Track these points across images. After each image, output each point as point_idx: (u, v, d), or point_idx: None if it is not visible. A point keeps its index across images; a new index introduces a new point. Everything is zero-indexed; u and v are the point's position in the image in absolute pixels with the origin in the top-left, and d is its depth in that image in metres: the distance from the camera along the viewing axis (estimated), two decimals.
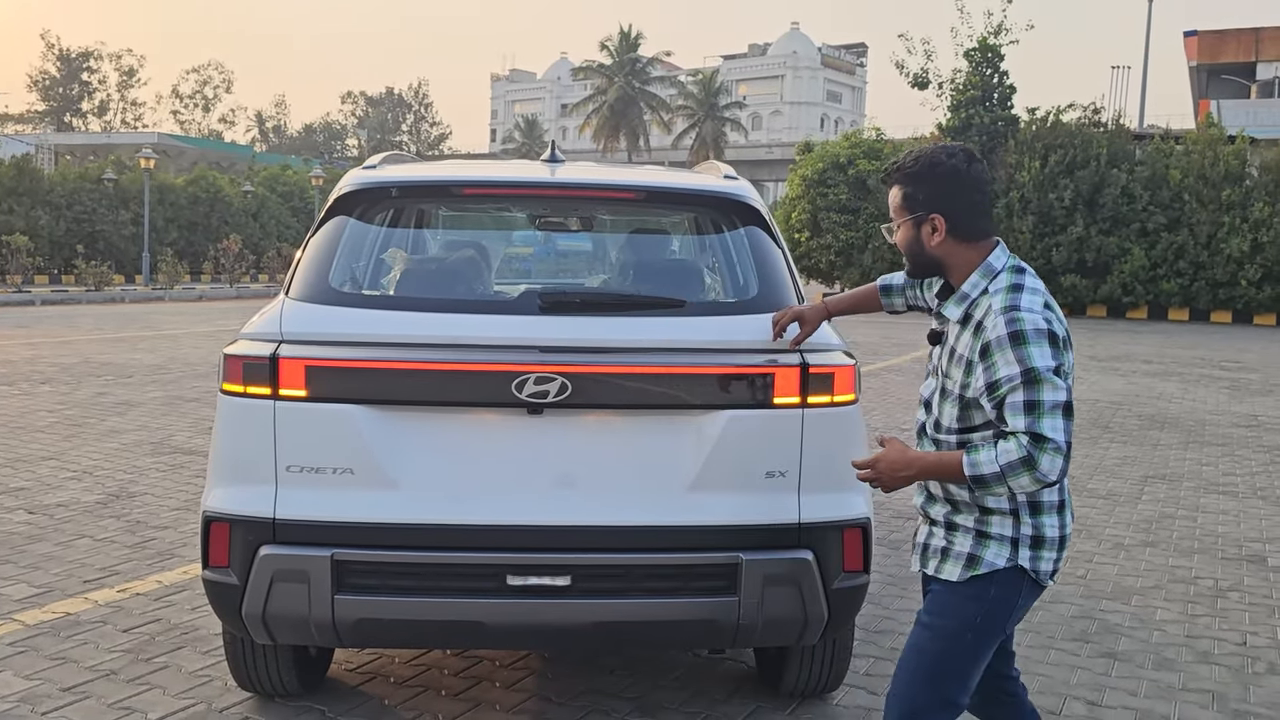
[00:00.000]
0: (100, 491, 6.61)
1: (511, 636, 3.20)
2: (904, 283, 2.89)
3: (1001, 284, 2.35)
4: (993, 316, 2.28)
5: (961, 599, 2.38)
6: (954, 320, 2.41)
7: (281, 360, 2.99)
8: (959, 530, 2.42)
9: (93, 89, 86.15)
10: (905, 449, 2.38)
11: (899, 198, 2.46)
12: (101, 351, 14.42)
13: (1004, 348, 2.23)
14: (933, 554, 2.47)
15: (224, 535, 3.02)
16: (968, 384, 2.33)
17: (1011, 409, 2.21)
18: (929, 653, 2.40)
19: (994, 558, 2.36)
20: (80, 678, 3.81)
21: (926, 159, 2.42)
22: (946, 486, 2.42)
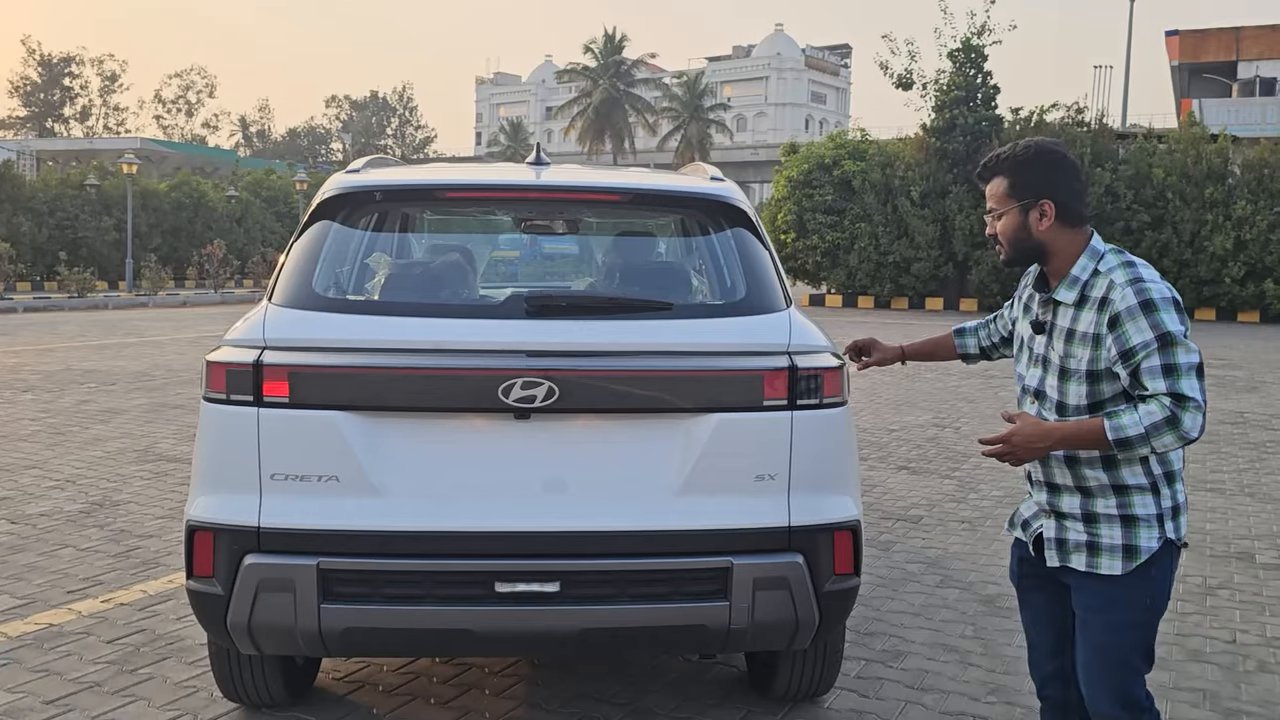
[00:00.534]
0: (83, 500, 6.55)
1: (500, 644, 3.16)
2: (976, 325, 3.05)
3: (1112, 263, 2.47)
4: (1119, 289, 2.39)
5: (1126, 589, 2.46)
6: (1068, 303, 2.49)
7: (265, 367, 2.96)
8: (1100, 520, 2.49)
9: (75, 94, 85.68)
10: (1039, 421, 2.46)
11: (1004, 186, 2.55)
12: (85, 359, 14.32)
13: (1135, 316, 2.35)
14: (1074, 549, 2.51)
15: (208, 545, 2.98)
16: (1096, 357, 2.42)
17: (1149, 373, 2.33)
18: (1112, 646, 2.49)
19: (1148, 541, 2.45)
20: (64, 690, 3.76)
21: (1033, 147, 2.54)
22: (1080, 473, 2.48)
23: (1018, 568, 2.75)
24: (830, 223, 30.28)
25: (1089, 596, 2.51)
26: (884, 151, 30.64)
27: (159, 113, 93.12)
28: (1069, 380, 2.49)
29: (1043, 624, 2.71)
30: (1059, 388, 2.52)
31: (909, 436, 9.31)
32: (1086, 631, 2.53)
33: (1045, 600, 2.69)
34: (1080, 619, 2.55)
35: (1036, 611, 2.72)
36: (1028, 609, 2.75)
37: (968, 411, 10.81)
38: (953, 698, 3.85)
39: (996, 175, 2.57)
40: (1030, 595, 2.73)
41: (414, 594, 2.95)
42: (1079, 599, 2.54)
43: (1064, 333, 2.51)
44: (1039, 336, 2.59)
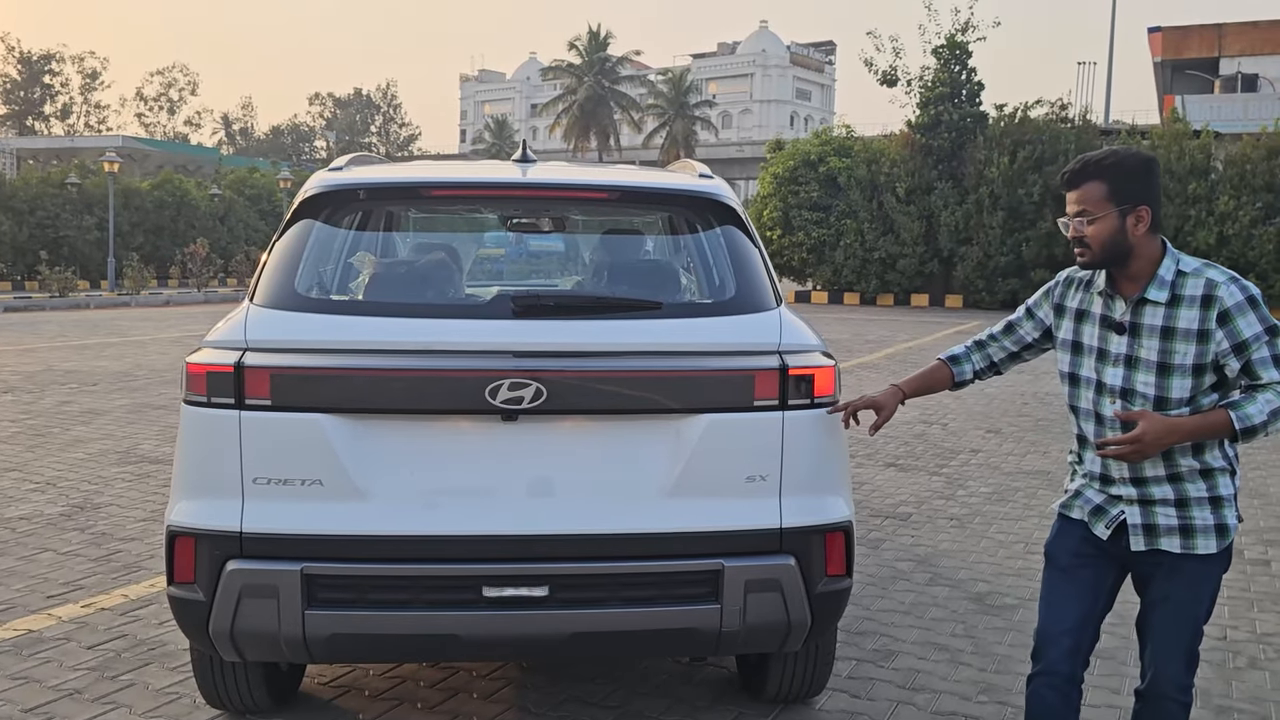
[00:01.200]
0: (64, 503, 6.47)
1: (488, 649, 3.12)
2: (967, 350, 3.07)
3: (1193, 264, 2.60)
4: (1223, 287, 2.53)
5: (1214, 564, 2.65)
6: (1161, 302, 2.58)
7: (247, 369, 2.90)
8: (1192, 504, 2.62)
9: (55, 92, 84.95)
10: (1165, 418, 2.54)
11: (1103, 190, 2.59)
12: (66, 359, 14.18)
13: (1245, 311, 2.51)
14: (1166, 532, 2.63)
15: (189, 550, 2.93)
16: (1204, 350, 2.55)
17: (1262, 363, 2.50)
18: (1193, 617, 2.67)
19: (1232, 519, 2.64)
20: (43, 697, 3.70)
21: (1136, 154, 2.62)
22: (1173, 461, 2.60)
23: (1075, 546, 2.78)
24: (816, 219, 30.30)
25: (1181, 576, 2.64)
26: (869, 148, 30.68)
27: (141, 110, 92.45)
28: (1171, 375, 2.58)
29: (1076, 600, 2.77)
30: (1158, 383, 2.59)
31: (896, 434, 9.30)
32: (1171, 605, 2.66)
33: (1093, 578, 2.77)
34: (1164, 594, 2.67)
35: (1079, 587, 2.77)
36: (1069, 584, 2.78)
37: (955, 408, 10.81)
38: (944, 697, 3.82)
39: (1093, 180, 2.61)
40: (1078, 572, 2.78)
41: (400, 599, 2.90)
42: (1170, 578, 2.65)
43: (1159, 330, 2.58)
44: (1120, 337, 2.64)
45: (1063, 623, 2.78)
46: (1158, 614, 2.70)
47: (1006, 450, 8.63)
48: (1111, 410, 2.65)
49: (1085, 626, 2.78)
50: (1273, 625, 4.63)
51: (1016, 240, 27.70)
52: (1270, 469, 7.97)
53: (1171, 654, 2.68)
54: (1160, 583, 2.68)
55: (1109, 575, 2.77)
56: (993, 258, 27.96)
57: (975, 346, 3.07)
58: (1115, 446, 2.57)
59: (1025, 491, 7.14)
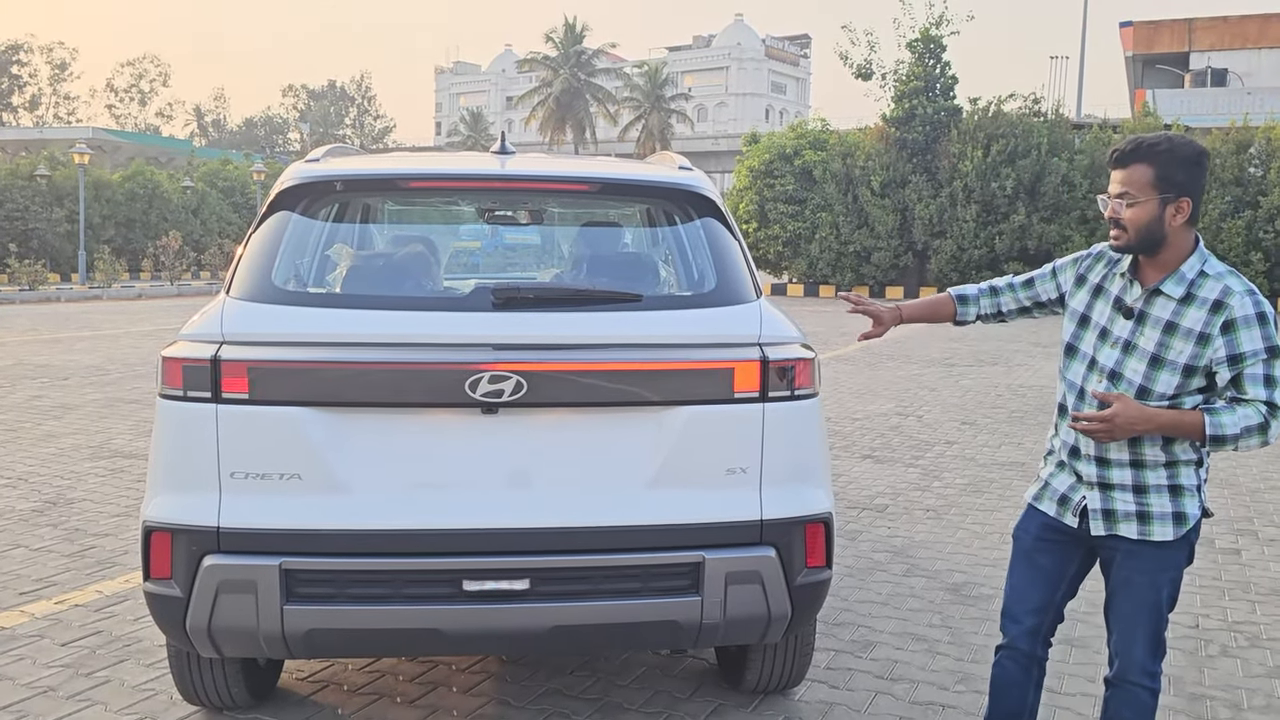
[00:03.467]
0: (36, 499, 6.39)
1: (469, 643, 3.11)
2: (978, 293, 3.09)
3: (1218, 268, 2.60)
4: (1237, 297, 2.53)
5: (1173, 551, 2.68)
6: (1174, 297, 2.59)
7: (223, 362, 2.88)
8: (1150, 490, 2.65)
9: (23, 83, 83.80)
10: (1140, 404, 2.58)
11: (1149, 175, 2.57)
12: (37, 353, 14.01)
13: (1251, 325, 2.51)
14: (1124, 518, 2.67)
15: (165, 546, 2.90)
16: (1200, 353, 2.55)
17: (1251, 379, 2.51)
18: (1162, 603, 2.71)
19: (1192, 509, 2.66)
20: (16, 695, 3.66)
21: (1185, 145, 2.59)
22: (1139, 449, 2.63)
23: (1037, 530, 2.84)
24: (791, 212, 30.36)
25: (1138, 560, 2.69)
26: (844, 141, 30.75)
27: (111, 102, 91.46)
28: (1161, 369, 2.60)
29: (1040, 584, 2.84)
30: (1147, 374, 2.62)
31: (872, 425, 9.35)
32: (1131, 590, 2.71)
33: (1054, 564, 2.83)
34: (1124, 579, 2.72)
35: (1041, 573, 2.83)
36: (1031, 568, 2.85)
37: (930, 400, 10.88)
38: (922, 687, 3.85)
39: (1141, 162, 2.59)
40: (1039, 557, 2.84)
41: (380, 594, 2.89)
42: (1127, 563, 2.71)
43: (1162, 324, 2.60)
44: (1125, 321, 2.66)
45: (1025, 603, 2.86)
46: (1120, 600, 2.76)
47: (981, 442, 8.69)
48: (1095, 388, 2.68)
49: (1047, 609, 2.85)
50: (1244, 613, 4.69)
51: (990, 234, 27.88)
52: (1239, 460, 8.06)
53: (1135, 640, 2.74)
54: (1120, 568, 2.73)
55: (1073, 560, 2.83)
56: (966, 251, 28.12)
57: (989, 291, 3.10)
58: (1086, 422, 2.61)
59: (1000, 483, 7.19)
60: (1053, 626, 2.89)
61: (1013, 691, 2.89)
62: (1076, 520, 2.75)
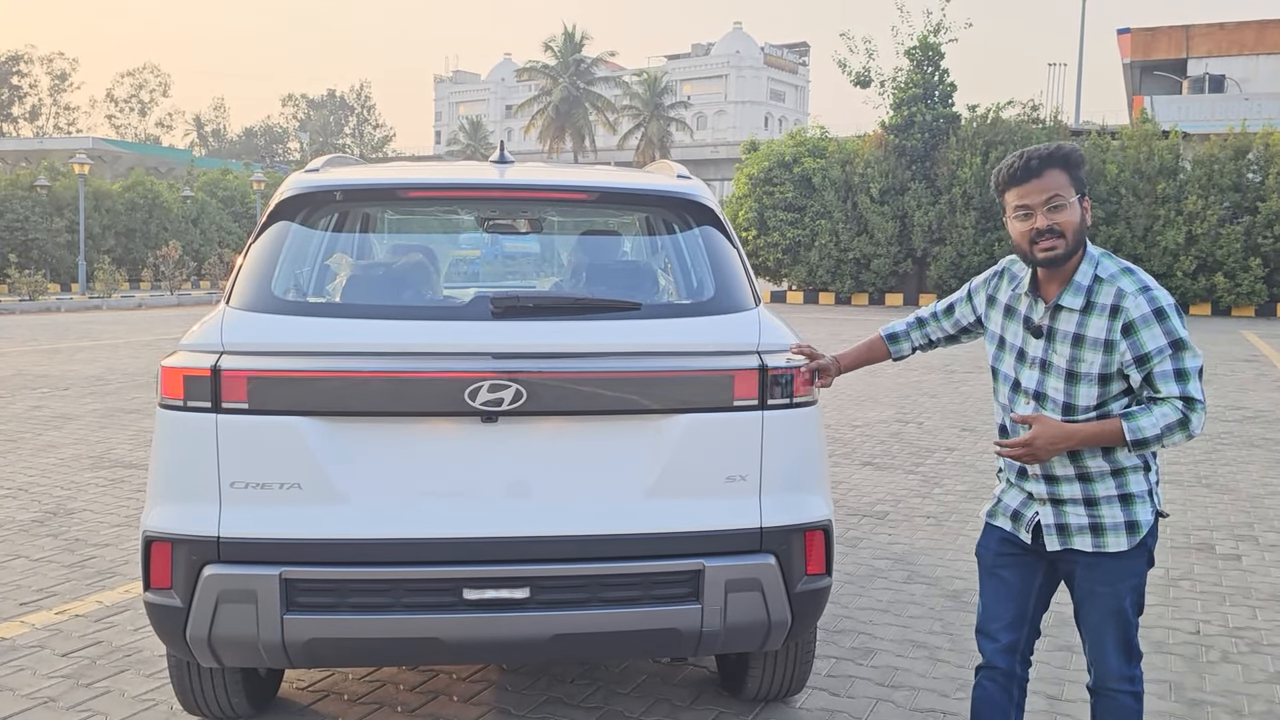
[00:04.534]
0: (36, 509, 6.39)
1: (470, 652, 3.10)
2: (906, 328, 3.11)
3: (1111, 269, 2.58)
4: (1131, 298, 2.52)
5: (1131, 559, 2.66)
6: (1074, 309, 2.58)
7: (223, 372, 2.88)
8: (1100, 502, 2.63)
9: (24, 93, 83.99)
10: (1060, 423, 2.57)
11: (1065, 179, 2.57)
12: (37, 363, 14.02)
13: (1150, 324, 2.50)
14: (1078, 531, 2.65)
15: (166, 556, 2.90)
16: (1110, 361, 2.55)
17: (1162, 377, 2.50)
18: (1127, 610, 2.69)
19: (1145, 515, 2.64)
20: (17, 706, 3.65)
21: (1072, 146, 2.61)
22: (1081, 462, 2.62)
23: (996, 546, 2.82)
24: (791, 220, 30.40)
25: (1098, 572, 2.67)
26: (843, 149, 30.82)
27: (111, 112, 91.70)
28: (1078, 383, 2.59)
29: (1008, 599, 2.81)
30: (1067, 390, 2.61)
31: (872, 432, 9.35)
32: (1096, 601, 2.70)
33: (1018, 577, 2.80)
34: (1087, 592, 2.70)
35: (1008, 587, 2.81)
36: (997, 584, 2.83)
37: (929, 406, 10.88)
38: (923, 694, 3.85)
39: (1058, 168, 2.58)
40: (1002, 571, 2.81)
41: (380, 603, 2.89)
42: (1086, 575, 2.68)
43: (1069, 337, 2.59)
44: (1037, 341, 2.66)
45: (997, 620, 2.82)
46: (1086, 611, 2.74)
47: (981, 448, 8.69)
48: (1015, 412, 2.68)
49: (1020, 624, 2.81)
50: (1244, 619, 4.69)
51: (989, 240, 27.91)
52: (1239, 465, 8.07)
53: (1107, 648, 2.73)
54: (1082, 580, 2.71)
55: (1037, 572, 2.79)
56: (965, 257, 28.15)
57: (916, 324, 3.11)
58: (1008, 450, 2.62)
59: None
60: (1029, 643, 2.85)
61: (993, 713, 2.85)
62: (1029, 536, 2.73)
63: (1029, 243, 2.60)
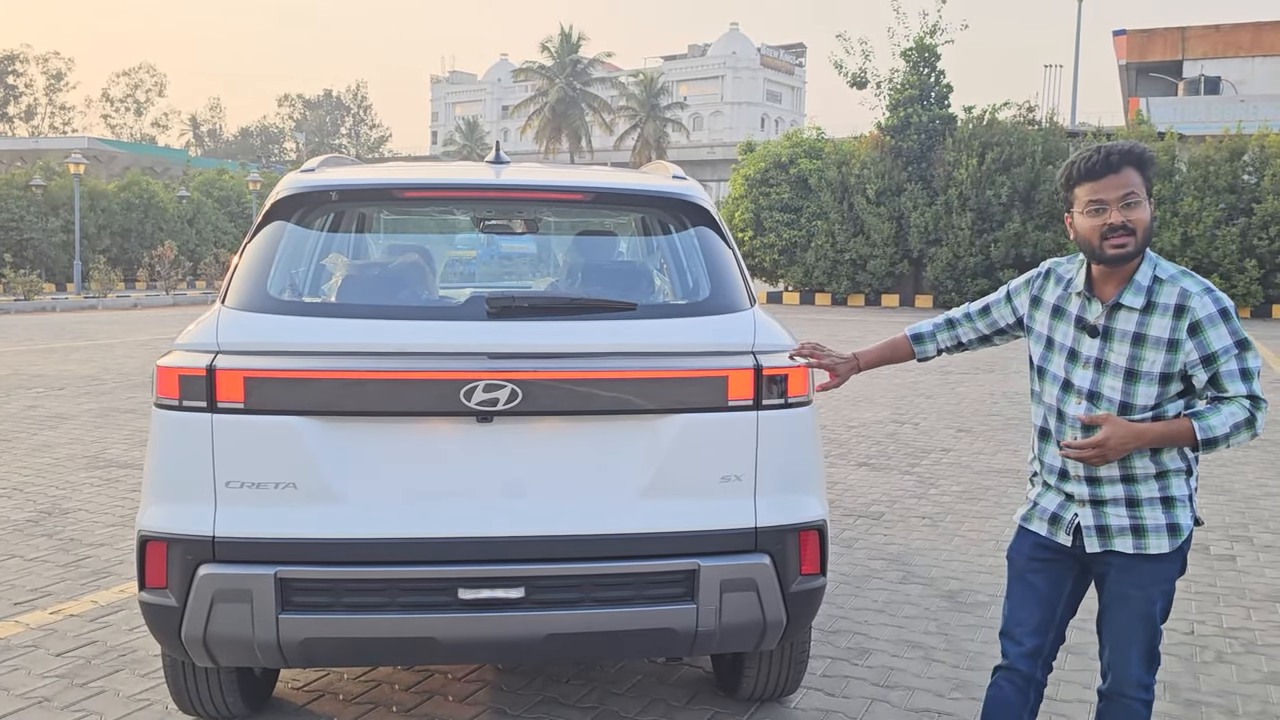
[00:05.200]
0: (31, 509, 6.38)
1: (465, 651, 3.11)
2: (933, 329, 3.05)
3: (1169, 270, 2.60)
4: (1197, 298, 2.53)
5: (1169, 563, 2.66)
6: (1135, 308, 2.58)
7: (219, 372, 2.88)
8: (1143, 504, 2.62)
9: (19, 93, 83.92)
10: (1129, 424, 2.55)
11: (1139, 179, 2.57)
12: (32, 363, 13.99)
13: (1216, 323, 2.52)
14: (1118, 533, 2.64)
15: (161, 555, 2.90)
16: (1173, 360, 2.55)
17: (1229, 376, 2.51)
18: (1157, 615, 2.68)
19: (1186, 519, 2.64)
20: (11, 706, 3.65)
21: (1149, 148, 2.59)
22: (1128, 462, 2.61)
23: (1029, 551, 2.80)
24: (787, 221, 30.42)
25: (1134, 574, 2.66)
26: (840, 150, 30.83)
27: (107, 112, 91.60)
28: (1138, 382, 2.58)
29: (1036, 605, 2.79)
30: (1125, 389, 2.60)
31: (868, 433, 9.36)
32: (1127, 605, 2.69)
33: (1048, 583, 2.78)
34: (1119, 594, 2.69)
35: (1036, 592, 2.79)
36: (1026, 589, 2.81)
37: (926, 407, 10.89)
38: (918, 694, 3.85)
39: (1133, 166, 2.56)
40: (1033, 577, 2.79)
41: (375, 603, 2.89)
42: (1121, 578, 2.68)
43: (1129, 336, 2.59)
44: (1092, 340, 2.64)
45: (1023, 625, 2.80)
46: (1114, 614, 2.72)
47: (977, 449, 8.70)
48: (1076, 411, 2.65)
49: (1046, 629, 2.79)
50: (1239, 620, 4.70)
51: (985, 241, 27.94)
52: (1235, 465, 8.08)
53: (1130, 654, 2.71)
54: (1115, 583, 2.69)
55: (1068, 577, 2.77)
56: (962, 258, 28.18)
57: (945, 325, 3.04)
58: (1078, 450, 2.58)
59: (996, 490, 7.20)
60: (1054, 649, 2.83)
61: (1006, 714, 2.81)
62: (1070, 538, 2.71)
63: (1099, 238, 2.57)
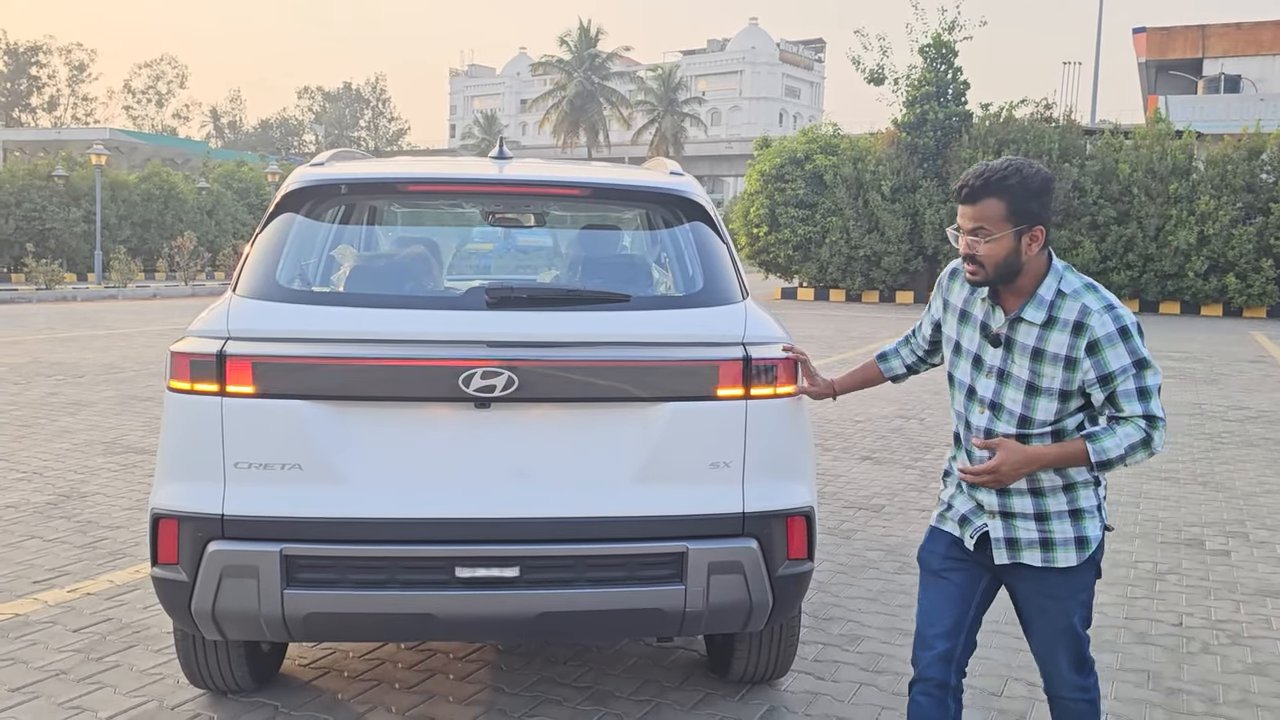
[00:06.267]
0: (50, 492, 6.55)
1: (461, 628, 3.23)
2: (896, 346, 3.12)
3: (1075, 284, 2.56)
4: (1096, 316, 2.49)
5: (1081, 573, 2.66)
6: (1036, 323, 2.55)
7: (229, 357, 3.01)
8: (1051, 518, 2.62)
9: (42, 84, 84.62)
10: (1022, 447, 2.55)
11: (1003, 210, 2.51)
12: (52, 351, 14.22)
13: (1115, 343, 2.48)
14: (1028, 546, 2.64)
15: (172, 532, 3.03)
16: (1071, 378, 2.53)
17: (1125, 396, 2.49)
18: (1077, 625, 2.70)
19: (1094, 531, 2.64)
20: (30, 678, 3.79)
21: (1035, 174, 2.52)
22: (1035, 476, 2.61)
23: (944, 550, 2.78)
24: (802, 216, 30.44)
25: (1047, 587, 2.66)
26: (855, 146, 30.83)
27: (128, 103, 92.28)
28: (1038, 396, 2.57)
29: (948, 606, 2.75)
30: (1025, 402, 2.59)
31: (873, 428, 9.44)
32: (1047, 617, 2.70)
33: (960, 584, 2.75)
34: (1036, 607, 2.70)
35: (948, 593, 2.75)
36: (942, 587, 2.77)
37: (932, 403, 10.95)
38: (905, 679, 3.88)
39: (992, 197, 2.52)
40: (946, 576, 2.76)
41: (376, 579, 3.01)
42: (1035, 589, 2.68)
43: (1030, 350, 2.57)
44: (995, 349, 2.63)
45: (934, 628, 2.77)
46: (1035, 627, 2.73)
47: None
48: (978, 422, 2.66)
49: (959, 630, 2.75)
50: (1227, 613, 4.77)
51: None
52: (1237, 464, 8.13)
53: (1059, 662, 2.72)
54: (1029, 594, 2.69)
55: (979, 581, 2.75)
56: None
57: (904, 341, 3.10)
58: (973, 475, 2.58)
59: None
60: (965, 654, 2.77)
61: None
62: (974, 544, 2.70)
63: (963, 259, 2.63)
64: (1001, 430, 2.63)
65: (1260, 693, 3.91)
